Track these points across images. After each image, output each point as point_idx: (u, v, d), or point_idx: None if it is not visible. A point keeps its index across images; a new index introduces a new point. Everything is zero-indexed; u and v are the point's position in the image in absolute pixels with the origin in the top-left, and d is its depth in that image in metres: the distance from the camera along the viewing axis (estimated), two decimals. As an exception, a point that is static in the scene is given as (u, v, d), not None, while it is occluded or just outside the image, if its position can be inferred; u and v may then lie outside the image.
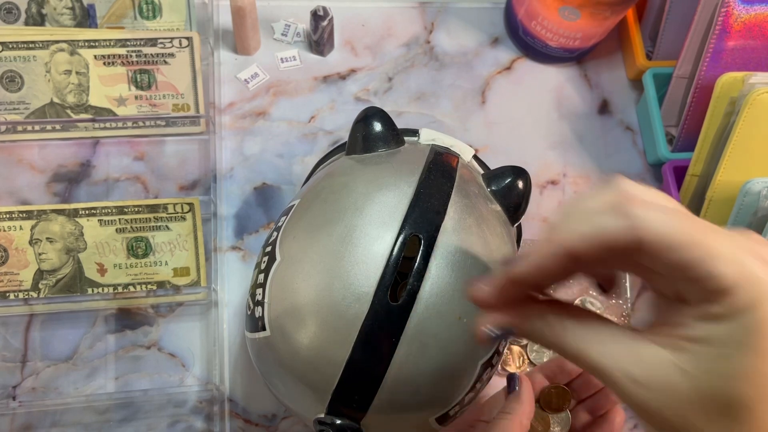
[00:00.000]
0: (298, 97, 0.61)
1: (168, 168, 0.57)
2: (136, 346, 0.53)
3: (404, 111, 0.62)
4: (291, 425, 0.52)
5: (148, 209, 0.54)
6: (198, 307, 0.54)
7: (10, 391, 0.51)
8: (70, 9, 0.57)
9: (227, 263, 0.56)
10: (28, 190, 0.55)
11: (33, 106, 0.56)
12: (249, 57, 0.61)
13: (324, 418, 0.38)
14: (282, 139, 0.59)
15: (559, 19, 0.58)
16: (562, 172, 0.61)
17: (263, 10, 0.62)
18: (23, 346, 0.52)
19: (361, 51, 0.63)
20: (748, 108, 0.51)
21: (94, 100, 0.56)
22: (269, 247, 0.41)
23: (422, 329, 0.36)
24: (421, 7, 0.65)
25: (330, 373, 0.37)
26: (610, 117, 0.64)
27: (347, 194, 0.39)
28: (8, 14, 0.57)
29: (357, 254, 0.37)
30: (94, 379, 0.52)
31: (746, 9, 0.52)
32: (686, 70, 0.57)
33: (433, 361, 0.37)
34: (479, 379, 0.40)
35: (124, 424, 0.51)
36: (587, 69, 0.65)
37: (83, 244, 0.53)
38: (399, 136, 0.44)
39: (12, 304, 0.51)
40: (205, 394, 0.52)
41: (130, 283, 0.53)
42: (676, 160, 0.58)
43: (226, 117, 0.60)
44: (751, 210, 0.50)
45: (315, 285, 0.37)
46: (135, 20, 0.58)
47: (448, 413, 0.40)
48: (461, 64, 0.64)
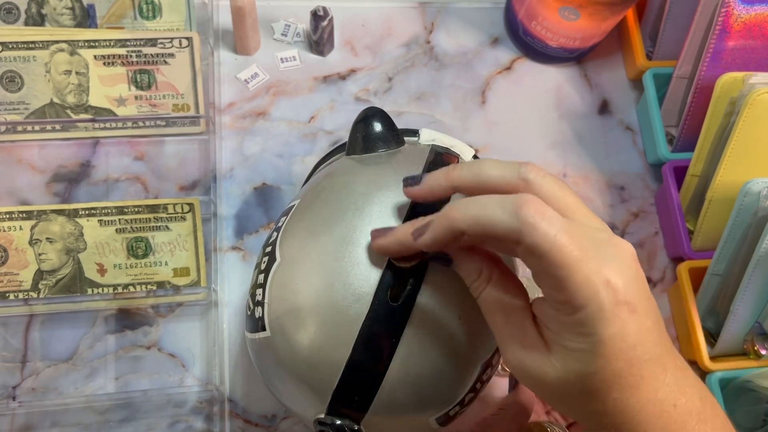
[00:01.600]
0: (298, 97, 0.61)
1: (168, 168, 0.57)
2: (135, 346, 0.53)
3: (404, 111, 0.62)
4: (291, 425, 0.52)
5: (148, 209, 0.54)
6: (198, 308, 0.54)
7: (10, 392, 0.51)
8: (70, 9, 0.57)
9: (227, 263, 0.56)
10: (28, 190, 0.55)
11: (33, 106, 0.56)
12: (249, 57, 0.61)
13: (324, 418, 0.38)
14: (282, 139, 0.59)
15: (559, 20, 0.58)
16: (562, 172, 0.61)
17: (263, 10, 0.62)
18: (23, 347, 0.52)
19: (361, 51, 0.63)
20: (748, 108, 0.51)
21: (94, 100, 0.56)
22: (269, 247, 0.41)
23: (422, 329, 0.36)
24: (421, 7, 0.65)
25: (330, 373, 0.37)
26: (610, 117, 0.64)
27: (347, 194, 0.39)
28: (8, 14, 0.57)
29: (357, 254, 0.37)
30: (94, 380, 0.52)
31: (746, 9, 0.52)
32: (686, 70, 0.57)
33: (433, 361, 0.37)
34: (479, 379, 0.40)
35: (124, 424, 0.51)
36: (587, 69, 0.65)
37: (83, 245, 0.53)
38: (399, 137, 0.44)
39: (12, 305, 0.51)
40: (205, 394, 0.52)
41: (130, 283, 0.53)
42: (676, 160, 0.58)
43: (226, 117, 0.60)
44: (751, 210, 0.50)
45: (315, 285, 0.37)
46: (135, 20, 0.58)
47: (448, 413, 0.40)
48: (461, 64, 0.64)
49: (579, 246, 0.29)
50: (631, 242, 0.32)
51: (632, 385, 0.30)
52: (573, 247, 0.29)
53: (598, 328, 0.29)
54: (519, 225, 0.29)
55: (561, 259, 0.28)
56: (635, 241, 0.60)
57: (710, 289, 0.54)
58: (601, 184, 0.61)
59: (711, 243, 0.55)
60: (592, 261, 0.29)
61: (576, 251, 0.29)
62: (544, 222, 0.29)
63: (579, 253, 0.29)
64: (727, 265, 0.53)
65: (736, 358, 0.55)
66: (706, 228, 0.55)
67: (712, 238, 0.55)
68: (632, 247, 0.31)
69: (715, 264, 0.53)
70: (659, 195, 0.61)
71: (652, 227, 0.61)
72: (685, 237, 0.56)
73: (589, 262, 0.29)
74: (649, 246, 0.60)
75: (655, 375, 0.30)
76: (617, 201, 0.61)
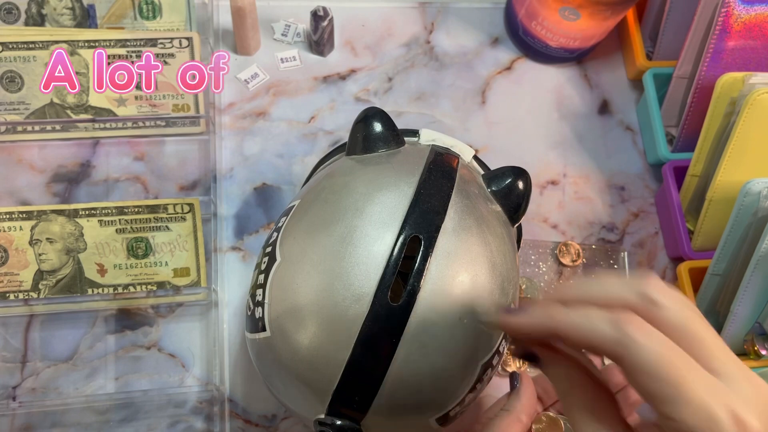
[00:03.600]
0: (298, 97, 0.61)
1: (168, 168, 0.57)
2: (136, 346, 0.53)
3: (404, 111, 0.62)
4: (291, 426, 0.52)
5: (148, 210, 0.54)
6: (198, 308, 0.54)
7: (10, 392, 0.51)
8: (70, 9, 0.57)
9: (227, 263, 0.56)
10: (28, 190, 0.55)
11: (33, 106, 0.56)
12: (249, 57, 0.61)
13: (324, 418, 0.38)
14: (282, 139, 0.59)
15: (559, 20, 0.58)
16: (563, 172, 0.61)
17: (263, 10, 0.62)
18: (23, 347, 0.52)
19: (361, 51, 0.63)
20: (748, 108, 0.51)
21: (93, 100, 0.56)
22: (269, 247, 0.41)
23: (422, 330, 0.36)
24: (421, 7, 0.65)
25: (330, 373, 0.37)
26: (611, 117, 0.64)
27: (347, 195, 0.39)
28: (8, 14, 0.57)
29: (357, 255, 0.37)
30: (94, 380, 0.52)
31: (746, 9, 0.52)
32: (686, 71, 0.57)
33: (433, 361, 0.37)
34: (480, 380, 0.40)
35: (124, 424, 0.51)
36: (587, 69, 0.65)
37: (83, 245, 0.53)
38: (399, 137, 0.44)
39: (12, 305, 0.51)
40: (205, 394, 0.52)
41: (130, 283, 0.53)
42: (677, 161, 0.58)
43: (226, 117, 0.60)
44: (751, 210, 0.50)
45: (315, 285, 0.37)
46: (135, 20, 0.58)
47: (448, 414, 0.40)
48: (461, 64, 0.64)
49: (695, 368, 0.26)
50: (631, 242, 0.31)
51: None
52: (681, 365, 0.26)
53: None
54: (618, 336, 0.27)
55: (666, 375, 0.26)
56: (635, 241, 0.60)
57: (710, 290, 0.54)
58: (601, 184, 0.61)
59: (711, 243, 0.55)
60: (712, 386, 0.26)
61: (683, 370, 0.26)
62: (649, 339, 0.26)
63: (689, 374, 0.26)
64: (727, 265, 0.53)
65: (736, 358, 0.55)
66: (706, 228, 0.55)
67: (712, 238, 0.55)
68: (765, 383, 0.27)
69: (715, 264, 0.53)
70: (659, 195, 0.61)
71: (652, 227, 0.61)
72: (685, 237, 0.56)
73: (707, 384, 0.26)
74: (649, 246, 0.60)
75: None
76: (617, 201, 0.61)
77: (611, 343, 0.27)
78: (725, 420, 0.25)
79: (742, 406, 0.25)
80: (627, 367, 0.27)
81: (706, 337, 0.27)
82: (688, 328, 0.27)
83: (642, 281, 0.28)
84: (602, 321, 0.27)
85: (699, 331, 0.27)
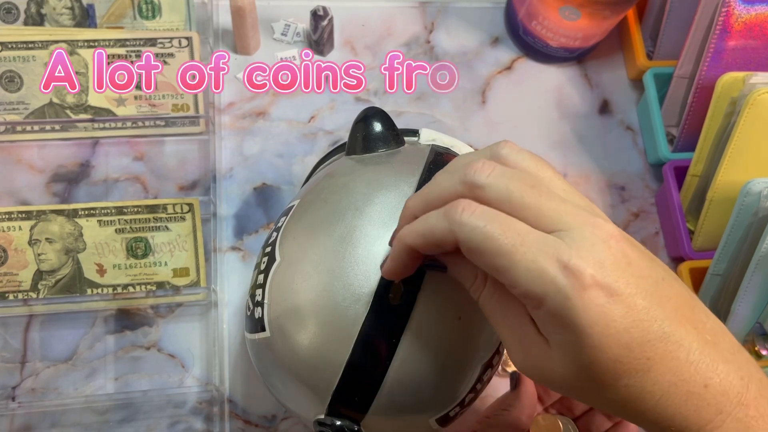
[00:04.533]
0: (298, 97, 0.61)
1: (167, 168, 0.57)
2: (135, 346, 0.53)
3: (404, 111, 0.62)
4: (291, 426, 0.52)
5: (147, 209, 0.54)
6: (198, 308, 0.54)
7: (10, 392, 0.51)
8: (70, 9, 0.57)
9: (227, 263, 0.56)
10: (28, 190, 0.55)
11: (32, 106, 0.56)
12: (249, 57, 0.61)
13: (324, 419, 0.38)
14: (282, 139, 0.59)
15: (560, 19, 0.58)
16: (563, 172, 0.61)
17: (263, 10, 0.62)
18: (22, 347, 0.52)
19: (361, 51, 0.63)
20: (748, 108, 0.50)
21: (93, 100, 0.56)
22: (269, 247, 0.41)
23: (422, 330, 0.36)
24: (421, 7, 0.65)
25: (330, 373, 0.37)
26: (611, 117, 0.64)
27: (347, 194, 0.39)
28: (7, 14, 0.57)
29: (357, 255, 0.37)
30: (94, 380, 0.52)
31: (747, 9, 0.52)
32: (687, 70, 0.57)
33: (433, 361, 0.37)
34: (479, 380, 0.40)
35: (124, 424, 0.51)
36: (588, 69, 0.65)
37: (82, 245, 0.53)
38: (399, 137, 0.44)
39: (11, 305, 0.51)
40: (205, 394, 0.52)
41: (129, 283, 0.53)
42: (677, 160, 0.58)
43: (226, 117, 0.59)
44: (752, 210, 0.50)
45: (315, 286, 0.37)
46: (134, 20, 0.58)
47: (448, 414, 0.40)
48: (461, 64, 0.64)
49: (524, 232, 0.27)
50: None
51: (640, 369, 0.27)
52: (509, 234, 0.27)
53: (573, 318, 0.27)
54: (449, 225, 0.28)
55: (496, 248, 0.27)
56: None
57: (711, 290, 0.54)
58: (602, 184, 0.61)
59: (711, 243, 0.55)
60: (543, 244, 0.27)
61: (511, 238, 0.27)
62: (472, 217, 0.28)
63: (517, 239, 0.27)
64: (727, 265, 0.53)
65: (736, 358, 0.54)
66: (706, 228, 0.55)
67: (712, 238, 0.55)
68: (613, 226, 0.28)
69: (715, 264, 0.53)
70: (659, 195, 0.61)
71: (653, 227, 0.61)
72: (685, 237, 0.56)
73: (538, 244, 0.27)
74: (650, 246, 0.60)
75: (667, 354, 0.27)
76: (617, 201, 0.61)
77: (447, 233, 0.29)
78: (555, 272, 0.27)
79: (575, 256, 0.27)
80: (466, 251, 0.29)
81: (532, 201, 0.28)
82: (513, 198, 0.28)
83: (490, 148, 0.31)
84: (436, 218, 0.29)
85: (524, 197, 0.28)
